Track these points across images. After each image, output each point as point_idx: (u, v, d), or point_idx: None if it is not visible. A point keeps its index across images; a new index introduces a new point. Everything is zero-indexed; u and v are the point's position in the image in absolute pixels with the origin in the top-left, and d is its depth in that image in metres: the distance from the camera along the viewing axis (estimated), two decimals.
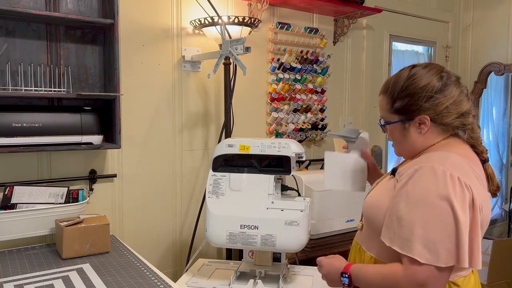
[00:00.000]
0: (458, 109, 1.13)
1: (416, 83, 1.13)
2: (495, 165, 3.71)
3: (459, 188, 1.00)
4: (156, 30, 2.04)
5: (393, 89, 1.17)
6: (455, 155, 1.08)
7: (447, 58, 3.45)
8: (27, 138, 1.60)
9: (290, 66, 2.43)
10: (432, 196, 1.00)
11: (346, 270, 1.16)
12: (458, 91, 1.13)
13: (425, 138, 1.15)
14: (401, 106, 1.15)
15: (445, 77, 1.13)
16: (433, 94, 1.11)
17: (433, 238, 0.99)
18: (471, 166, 1.08)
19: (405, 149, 1.20)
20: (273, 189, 1.47)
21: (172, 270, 2.17)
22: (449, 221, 0.99)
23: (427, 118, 1.12)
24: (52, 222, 1.67)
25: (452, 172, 1.01)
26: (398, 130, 1.18)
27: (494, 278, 2.40)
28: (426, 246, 0.99)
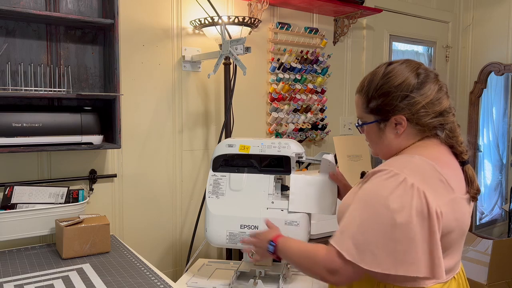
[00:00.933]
0: (436, 108, 1.07)
1: (391, 81, 1.07)
2: (495, 165, 3.71)
3: (411, 196, 0.95)
4: (156, 30, 2.04)
5: (368, 88, 1.11)
6: (420, 158, 1.03)
7: (447, 58, 3.45)
8: (27, 138, 1.60)
9: (290, 66, 2.43)
10: (376, 201, 0.98)
11: (275, 240, 1.19)
12: (436, 88, 1.07)
13: (401, 139, 1.10)
14: (376, 106, 1.09)
15: (422, 74, 1.07)
16: (409, 93, 1.05)
17: (364, 240, 0.97)
18: (437, 169, 1.01)
19: (381, 150, 1.15)
20: (273, 189, 1.47)
21: (172, 270, 2.18)
22: (384, 228, 0.95)
23: (403, 118, 1.07)
24: (52, 222, 1.67)
25: (407, 178, 0.97)
26: (374, 130, 1.13)
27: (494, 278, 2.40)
28: (355, 244, 0.98)
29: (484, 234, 3.28)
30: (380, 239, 0.96)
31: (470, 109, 3.43)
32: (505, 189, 3.74)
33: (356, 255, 0.97)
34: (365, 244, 0.96)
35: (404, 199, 0.95)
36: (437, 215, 0.96)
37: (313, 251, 1.07)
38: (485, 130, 3.60)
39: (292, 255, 1.13)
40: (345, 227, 1.01)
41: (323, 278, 1.04)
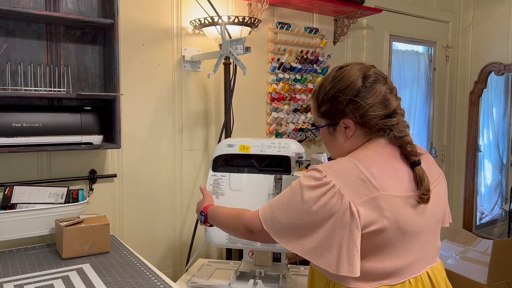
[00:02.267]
0: (382, 111, 1.07)
1: (338, 85, 1.08)
2: (495, 165, 3.71)
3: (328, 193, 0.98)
4: (156, 30, 2.04)
5: (318, 93, 1.13)
6: (347, 158, 1.04)
7: (447, 58, 3.45)
8: (27, 138, 1.60)
9: (290, 66, 2.43)
10: (297, 186, 1.03)
11: (205, 210, 1.34)
12: (383, 90, 1.07)
13: (351, 141, 1.11)
14: (325, 111, 1.12)
15: (370, 77, 1.08)
16: (354, 97, 1.06)
17: (279, 220, 1.05)
18: (359, 168, 1.01)
19: (335, 152, 1.17)
20: (273, 189, 1.47)
21: (172, 270, 2.17)
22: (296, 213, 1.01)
23: (350, 122, 1.08)
24: (52, 222, 1.67)
25: (328, 177, 1.00)
26: (326, 134, 1.15)
27: (494, 278, 2.40)
28: (272, 220, 1.06)
29: (484, 234, 3.28)
30: (290, 217, 1.03)
31: (470, 109, 3.43)
32: (505, 189, 3.74)
33: (272, 229, 1.06)
34: (279, 224, 1.05)
35: (322, 196, 0.99)
36: (352, 212, 0.96)
37: (239, 212, 1.19)
38: (485, 130, 3.60)
39: (220, 219, 1.27)
40: (274, 202, 1.09)
41: (243, 235, 1.16)
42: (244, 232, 1.15)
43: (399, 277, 1.04)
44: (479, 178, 3.56)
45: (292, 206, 1.03)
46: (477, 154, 3.47)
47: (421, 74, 3.35)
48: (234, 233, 1.21)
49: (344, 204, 0.97)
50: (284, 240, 1.04)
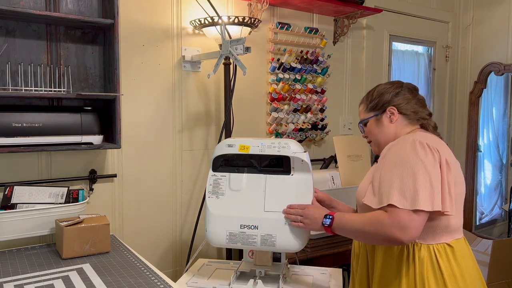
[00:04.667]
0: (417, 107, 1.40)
1: (385, 87, 1.45)
2: (495, 165, 3.71)
3: (428, 150, 1.23)
4: (156, 30, 2.04)
5: (369, 96, 1.47)
6: (422, 132, 1.34)
7: (447, 58, 3.45)
8: (27, 138, 1.60)
9: (290, 66, 2.43)
10: (406, 157, 1.23)
11: (332, 213, 1.35)
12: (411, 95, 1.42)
13: (396, 128, 1.40)
14: (374, 104, 1.44)
15: (406, 86, 1.44)
16: (400, 90, 1.41)
17: (409, 188, 1.18)
18: (436, 137, 1.34)
19: (382, 140, 1.42)
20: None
21: (172, 270, 2.18)
22: (421, 175, 1.19)
23: (394, 108, 1.39)
24: (52, 222, 1.67)
25: (421, 140, 1.25)
26: (373, 123, 1.44)
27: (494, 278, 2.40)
28: (402, 194, 1.19)
29: (484, 234, 3.28)
30: (420, 183, 1.18)
31: (470, 109, 3.43)
32: (505, 189, 3.74)
33: (406, 202, 1.17)
34: (410, 190, 1.18)
35: (426, 153, 1.22)
36: (448, 165, 1.24)
37: (375, 216, 1.23)
38: (485, 130, 3.60)
39: (353, 226, 1.29)
40: (387, 187, 1.22)
41: (394, 238, 1.18)
42: (396, 233, 1.17)
43: (460, 233, 1.31)
44: (479, 178, 3.56)
45: (407, 170, 1.20)
46: (477, 154, 3.47)
47: (421, 74, 3.35)
48: (377, 239, 1.24)
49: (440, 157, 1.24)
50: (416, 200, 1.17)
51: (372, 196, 1.28)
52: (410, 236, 1.17)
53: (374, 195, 1.27)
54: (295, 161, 1.46)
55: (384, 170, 1.26)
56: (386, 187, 1.23)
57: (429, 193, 1.18)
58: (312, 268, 1.68)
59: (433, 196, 1.18)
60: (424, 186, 1.18)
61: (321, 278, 1.59)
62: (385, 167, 1.27)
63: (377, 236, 1.22)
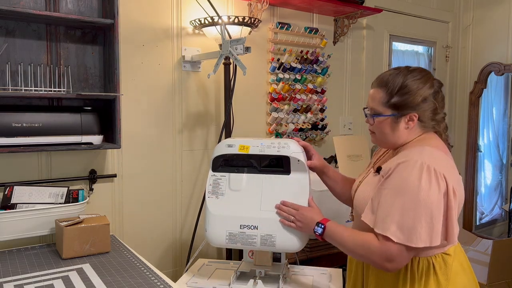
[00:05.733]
0: (440, 113, 1.29)
1: (416, 84, 1.24)
2: (495, 165, 3.71)
3: (434, 179, 1.14)
4: (156, 30, 2.04)
5: (392, 85, 1.25)
6: (430, 148, 1.22)
7: (447, 58, 3.45)
8: (27, 138, 1.60)
9: (290, 66, 2.43)
10: (411, 186, 1.15)
11: (324, 222, 1.32)
12: (441, 97, 1.28)
13: (409, 133, 1.28)
14: (398, 102, 1.25)
15: (435, 84, 1.27)
16: (428, 97, 1.24)
17: (407, 223, 1.13)
18: (443, 154, 1.23)
19: (388, 141, 1.31)
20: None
21: (172, 270, 2.18)
22: (423, 209, 1.13)
23: (416, 116, 1.25)
24: (52, 222, 1.67)
25: (429, 164, 1.15)
26: (388, 123, 1.28)
27: (494, 278, 2.40)
28: (400, 228, 1.14)
29: (484, 234, 3.28)
30: (421, 219, 1.13)
31: (470, 109, 3.43)
32: (505, 189, 3.74)
33: (403, 237, 1.13)
34: (409, 226, 1.13)
35: (432, 181, 1.14)
36: (454, 192, 1.16)
37: (366, 241, 1.20)
38: (485, 130, 3.60)
39: (342, 242, 1.26)
40: (385, 214, 1.17)
41: (380, 266, 1.19)
42: (381, 262, 1.18)
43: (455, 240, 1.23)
44: (479, 178, 3.56)
45: (410, 201, 1.14)
46: (477, 154, 3.47)
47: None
48: (364, 260, 1.26)
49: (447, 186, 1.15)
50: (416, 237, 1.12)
51: (371, 214, 1.23)
52: (396, 267, 1.18)
53: (372, 213, 1.22)
54: (293, 161, 1.46)
55: (386, 193, 1.19)
56: (384, 213, 1.18)
57: (429, 228, 1.13)
58: (312, 268, 1.68)
59: (432, 232, 1.13)
60: (424, 222, 1.13)
61: (321, 278, 1.59)
62: (388, 189, 1.20)
63: (363, 258, 1.24)
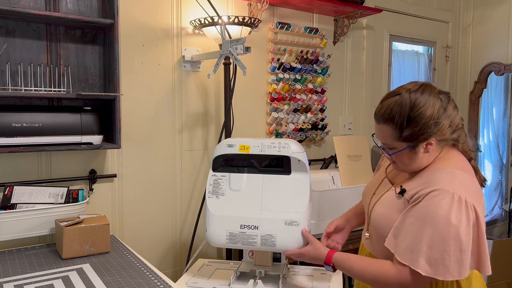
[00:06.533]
0: (454, 125, 1.24)
1: (423, 112, 1.18)
2: (495, 165, 3.71)
3: (465, 211, 1.11)
4: (156, 30, 2.04)
5: (399, 119, 1.19)
6: (459, 171, 1.19)
7: (447, 58, 3.45)
8: (27, 138, 1.60)
9: (290, 66, 2.43)
10: (440, 218, 1.10)
11: (329, 262, 1.31)
12: (452, 106, 1.23)
13: (429, 155, 1.23)
14: (410, 135, 1.19)
15: (442, 99, 1.22)
16: (438, 120, 1.19)
17: (435, 256, 1.10)
18: (474, 181, 1.20)
19: (411, 168, 1.26)
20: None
21: (172, 270, 2.17)
22: (452, 243, 1.09)
23: (434, 140, 1.20)
24: (52, 222, 1.67)
25: (460, 195, 1.12)
26: (406, 155, 1.23)
27: (494, 278, 2.40)
28: (428, 262, 1.11)
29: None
30: (450, 253, 1.10)
31: (470, 109, 3.43)
32: (505, 189, 3.74)
33: (431, 270, 1.11)
34: (438, 260, 1.10)
35: (462, 214, 1.10)
36: (483, 221, 1.14)
37: (382, 272, 1.20)
38: (485, 130, 3.60)
39: (357, 275, 1.26)
40: (412, 245, 1.14)
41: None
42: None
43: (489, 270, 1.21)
44: None
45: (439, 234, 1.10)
46: (477, 154, 3.47)
47: (421, 74, 3.35)
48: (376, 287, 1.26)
49: (477, 217, 1.13)
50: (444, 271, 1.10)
51: (394, 241, 1.19)
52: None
53: (396, 242, 1.18)
54: (293, 161, 1.46)
55: (413, 222, 1.15)
56: (411, 244, 1.14)
57: (458, 262, 1.10)
58: (312, 268, 1.68)
59: (462, 266, 1.10)
60: (453, 255, 1.10)
61: (321, 278, 1.59)
62: (415, 218, 1.15)
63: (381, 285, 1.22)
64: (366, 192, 1.45)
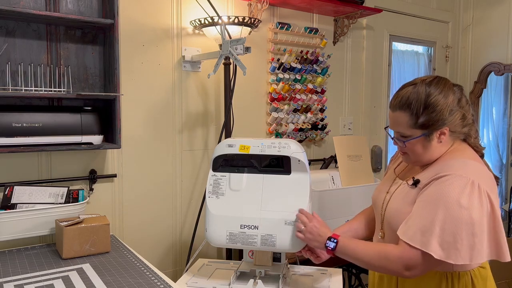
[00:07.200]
0: (466, 119, 1.27)
1: (439, 100, 1.22)
2: (495, 165, 3.71)
3: (477, 195, 1.13)
4: (156, 30, 2.04)
5: (416, 106, 1.23)
6: (471, 161, 1.21)
7: (447, 58, 3.45)
8: (27, 138, 1.60)
9: (290, 66, 2.43)
10: (453, 202, 1.12)
11: (336, 236, 1.30)
12: (465, 101, 1.27)
13: (442, 146, 1.26)
14: (426, 122, 1.22)
15: (456, 91, 1.26)
16: (453, 108, 1.23)
17: (448, 239, 1.11)
18: (483, 166, 1.22)
19: (423, 158, 1.28)
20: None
21: (172, 270, 2.18)
22: (465, 226, 1.11)
23: (447, 129, 1.24)
24: (52, 222, 1.67)
25: (474, 180, 1.14)
26: (420, 143, 1.25)
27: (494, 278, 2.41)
28: (441, 245, 1.12)
29: None
30: (462, 236, 1.11)
31: None
32: (505, 189, 3.74)
33: (443, 253, 1.12)
34: (450, 243, 1.11)
35: (474, 198, 1.12)
36: (497, 208, 1.16)
37: (384, 251, 1.20)
38: (485, 130, 3.60)
39: (357, 255, 1.26)
40: (424, 228, 1.14)
41: (399, 273, 1.19)
42: (400, 270, 1.17)
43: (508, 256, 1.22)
44: None
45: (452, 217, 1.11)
46: None
47: (421, 75, 3.35)
48: (381, 271, 1.26)
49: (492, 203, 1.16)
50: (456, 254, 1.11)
51: (405, 226, 1.20)
52: (415, 275, 1.18)
53: (407, 226, 1.19)
54: (293, 161, 1.46)
55: (424, 206, 1.17)
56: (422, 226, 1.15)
57: (469, 246, 1.11)
58: (312, 268, 1.68)
59: (473, 250, 1.11)
60: (465, 239, 1.11)
61: (321, 278, 1.59)
62: (425, 201, 1.17)
63: (380, 269, 1.23)
64: (376, 194, 1.44)
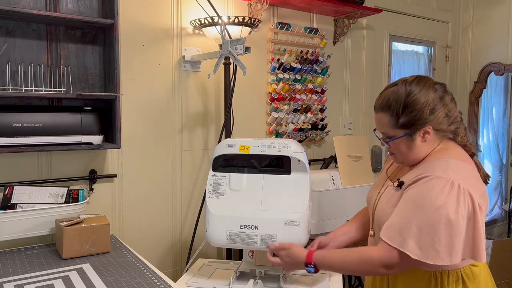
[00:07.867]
0: (451, 117, 1.25)
1: (418, 98, 1.21)
2: (495, 165, 3.71)
3: (456, 195, 1.12)
4: (156, 30, 2.04)
5: (395, 106, 1.23)
6: (454, 160, 1.20)
7: (447, 58, 3.45)
8: (27, 138, 1.60)
9: (290, 66, 2.43)
10: (431, 203, 1.12)
11: (310, 261, 1.30)
12: (449, 98, 1.25)
13: (427, 146, 1.25)
14: (406, 121, 1.22)
15: (438, 89, 1.25)
16: (434, 106, 1.21)
17: (426, 239, 1.11)
18: (467, 166, 1.20)
19: (409, 158, 1.28)
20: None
21: (172, 270, 2.18)
22: (443, 227, 1.10)
23: (431, 128, 1.22)
24: (52, 222, 1.67)
25: (454, 180, 1.13)
26: (404, 143, 1.25)
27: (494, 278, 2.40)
28: (419, 245, 1.12)
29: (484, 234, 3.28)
30: (440, 236, 1.10)
31: (470, 109, 3.43)
32: (505, 189, 3.74)
33: (421, 253, 1.12)
34: (428, 243, 1.11)
35: (452, 197, 1.11)
36: (480, 207, 1.14)
37: (365, 256, 1.21)
38: (485, 130, 3.60)
39: (339, 267, 1.27)
40: (402, 227, 1.15)
41: (378, 273, 1.20)
42: (380, 270, 1.19)
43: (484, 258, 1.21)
44: None
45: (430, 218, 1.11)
46: (477, 154, 3.47)
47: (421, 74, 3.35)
48: (363, 274, 1.28)
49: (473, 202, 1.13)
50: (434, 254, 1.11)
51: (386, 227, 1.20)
52: (394, 273, 1.20)
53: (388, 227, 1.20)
54: (293, 161, 1.46)
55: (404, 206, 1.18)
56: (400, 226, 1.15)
57: (448, 246, 1.10)
58: None
59: (452, 250, 1.11)
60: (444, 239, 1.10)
61: (321, 278, 1.59)
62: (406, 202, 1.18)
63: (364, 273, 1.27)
64: (370, 194, 1.45)
